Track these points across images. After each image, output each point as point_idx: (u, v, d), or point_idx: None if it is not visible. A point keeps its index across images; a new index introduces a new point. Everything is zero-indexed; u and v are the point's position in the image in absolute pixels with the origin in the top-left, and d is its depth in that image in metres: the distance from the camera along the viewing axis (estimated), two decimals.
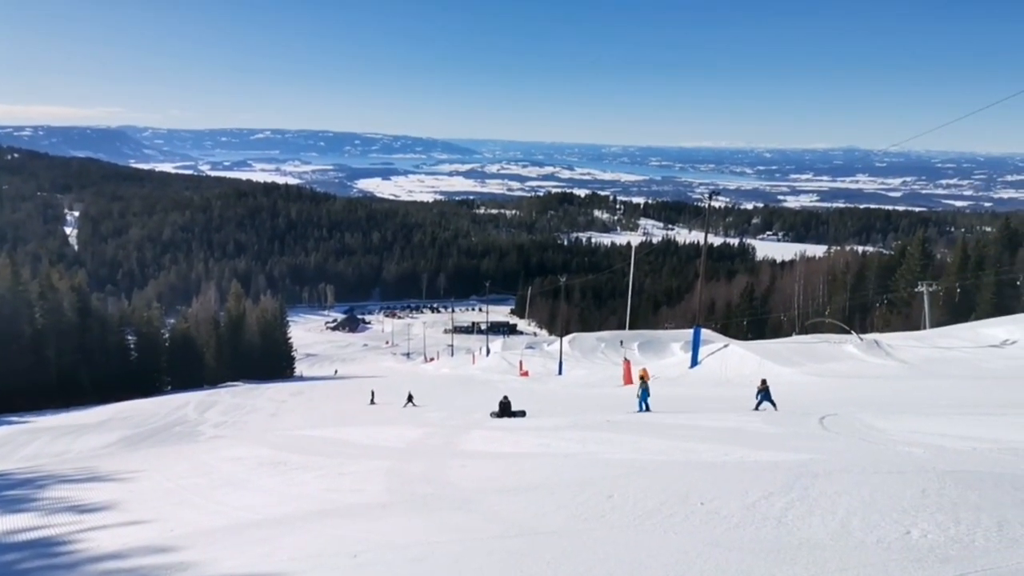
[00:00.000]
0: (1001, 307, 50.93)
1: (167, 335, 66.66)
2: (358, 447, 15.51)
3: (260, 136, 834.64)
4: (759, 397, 16.86)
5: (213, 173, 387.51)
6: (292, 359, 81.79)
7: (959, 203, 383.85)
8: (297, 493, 10.62)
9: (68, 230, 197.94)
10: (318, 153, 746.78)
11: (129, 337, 62.78)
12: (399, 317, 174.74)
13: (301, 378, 71.74)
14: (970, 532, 5.04)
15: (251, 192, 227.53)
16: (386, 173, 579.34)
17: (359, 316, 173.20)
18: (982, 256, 59.64)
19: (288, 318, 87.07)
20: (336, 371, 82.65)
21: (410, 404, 34.51)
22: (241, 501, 10.58)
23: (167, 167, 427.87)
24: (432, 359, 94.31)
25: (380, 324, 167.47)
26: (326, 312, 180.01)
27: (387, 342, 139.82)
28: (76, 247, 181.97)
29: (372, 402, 37.03)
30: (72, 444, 27.64)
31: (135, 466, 16.42)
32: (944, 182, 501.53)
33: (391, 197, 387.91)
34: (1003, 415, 10.60)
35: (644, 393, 18.80)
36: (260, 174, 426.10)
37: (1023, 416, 10.35)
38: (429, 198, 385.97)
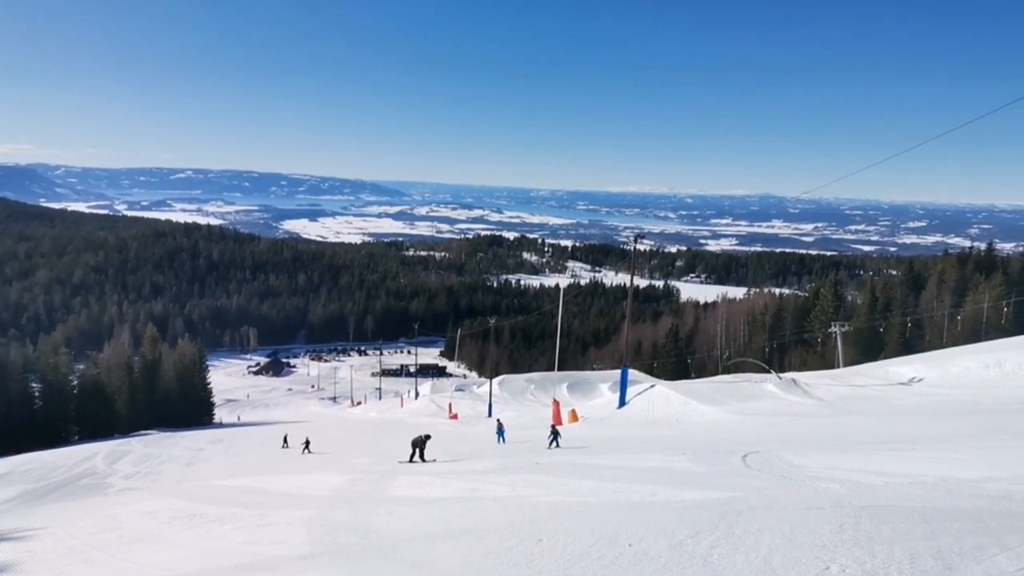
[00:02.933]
0: (908, 346, 53.44)
1: (75, 382, 63.38)
2: (279, 496, 15.04)
3: (181, 176, 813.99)
4: (551, 436, 20.54)
5: (130, 213, 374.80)
6: (211, 405, 78.90)
7: (866, 247, 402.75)
8: (213, 547, 10.20)
9: None
10: (242, 193, 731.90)
11: (33, 384, 59.32)
12: (325, 360, 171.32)
13: (221, 425, 69.29)
14: (885, 566, 5.20)
15: (170, 232, 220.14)
16: (313, 214, 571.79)
17: (283, 360, 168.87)
18: (889, 298, 62.58)
19: (208, 362, 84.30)
20: (239, 417, 77.70)
21: (306, 451, 33.40)
22: (153, 558, 10.09)
23: (80, 206, 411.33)
24: (359, 403, 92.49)
25: (306, 367, 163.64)
26: (248, 356, 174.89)
27: (313, 386, 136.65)
28: None
29: (285, 445, 36.20)
30: None
31: (36, 523, 15.51)
32: (853, 227, 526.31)
33: (318, 238, 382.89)
34: (913, 450, 11.05)
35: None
36: (181, 214, 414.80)
37: (932, 451, 10.80)
38: (357, 240, 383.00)
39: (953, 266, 61.66)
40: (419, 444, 20.86)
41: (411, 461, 20.46)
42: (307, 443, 34.37)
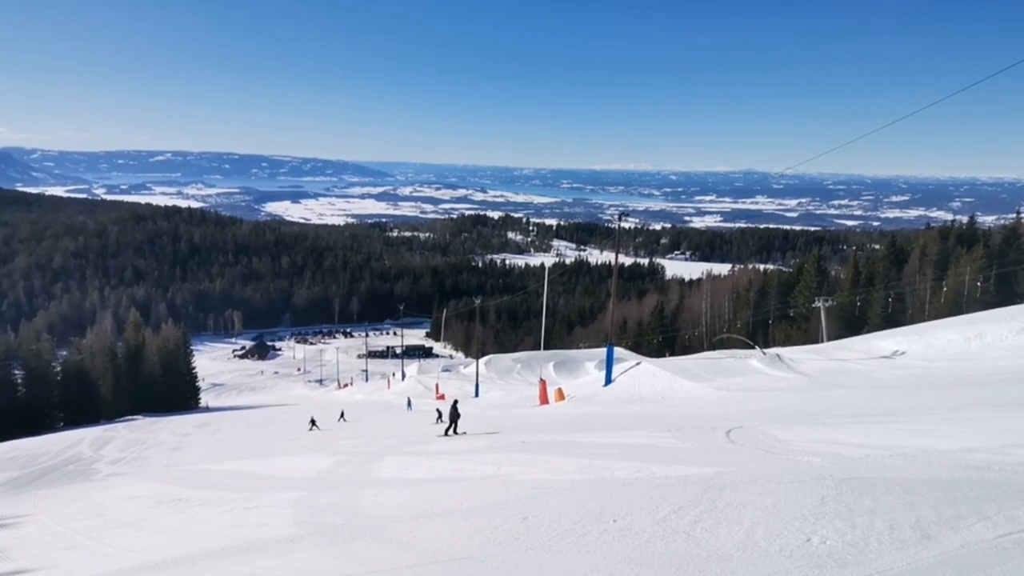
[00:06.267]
0: (890, 320, 53.93)
1: (59, 368, 62.92)
2: (266, 479, 15.04)
3: (160, 158, 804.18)
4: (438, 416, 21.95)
5: (109, 197, 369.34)
6: (197, 389, 78.68)
7: (850, 222, 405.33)
8: (199, 531, 10.20)
9: None
10: (223, 176, 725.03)
11: (16, 371, 58.85)
12: (311, 343, 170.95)
13: (207, 409, 69.06)
14: (865, 537, 5.27)
15: (151, 216, 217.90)
16: (295, 196, 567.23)
17: (269, 343, 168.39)
18: (872, 272, 63.01)
19: (192, 347, 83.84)
20: (207, 404, 76.85)
21: (314, 427, 36.19)
22: (138, 542, 10.08)
23: (58, 191, 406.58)
24: (346, 385, 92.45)
25: (291, 350, 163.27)
26: (233, 340, 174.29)
27: (298, 369, 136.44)
28: None
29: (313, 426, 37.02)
30: None
31: (21, 510, 15.47)
32: (836, 203, 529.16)
33: (301, 220, 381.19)
34: (894, 422, 11.16)
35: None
36: (160, 197, 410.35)
37: (912, 423, 10.92)
38: (341, 221, 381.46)
39: (935, 240, 62.06)
40: (455, 414, 21.50)
41: (447, 434, 21.01)
42: (313, 421, 37.37)
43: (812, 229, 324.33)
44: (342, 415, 41.58)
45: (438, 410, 31.66)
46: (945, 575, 4.43)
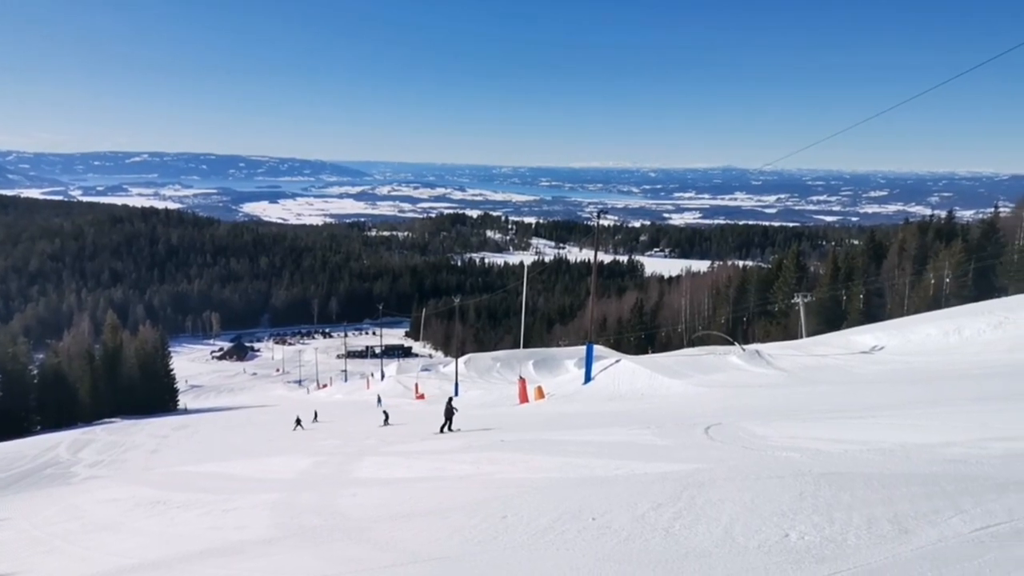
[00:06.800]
0: (869, 315, 54.45)
1: (36, 371, 62.05)
2: (245, 480, 14.91)
3: (137, 159, 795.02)
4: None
5: (85, 199, 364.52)
6: (175, 391, 77.97)
7: (828, 218, 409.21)
8: (178, 533, 10.08)
9: None
10: (200, 177, 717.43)
11: None
12: (290, 343, 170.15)
13: (185, 411, 68.45)
14: (843, 531, 5.27)
15: (127, 218, 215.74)
16: (273, 196, 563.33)
17: (247, 344, 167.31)
18: (851, 268, 63.56)
19: (171, 349, 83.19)
20: (185, 406, 76.19)
21: (299, 427, 36.03)
22: (116, 546, 9.94)
23: (34, 193, 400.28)
24: (325, 385, 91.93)
25: (270, 351, 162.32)
26: (212, 341, 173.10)
27: (278, 370, 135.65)
28: None
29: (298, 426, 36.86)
30: None
31: None
32: (815, 198, 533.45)
33: (279, 221, 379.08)
34: (872, 417, 11.22)
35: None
36: (137, 199, 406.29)
37: (891, 418, 10.98)
38: (319, 221, 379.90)
39: (914, 234, 62.61)
40: (450, 413, 21.48)
41: (442, 431, 21.08)
42: (298, 420, 37.16)
43: (791, 225, 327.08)
44: (315, 416, 41.14)
45: (385, 412, 33.49)
46: (923, 569, 4.42)
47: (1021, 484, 5.88)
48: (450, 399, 22.87)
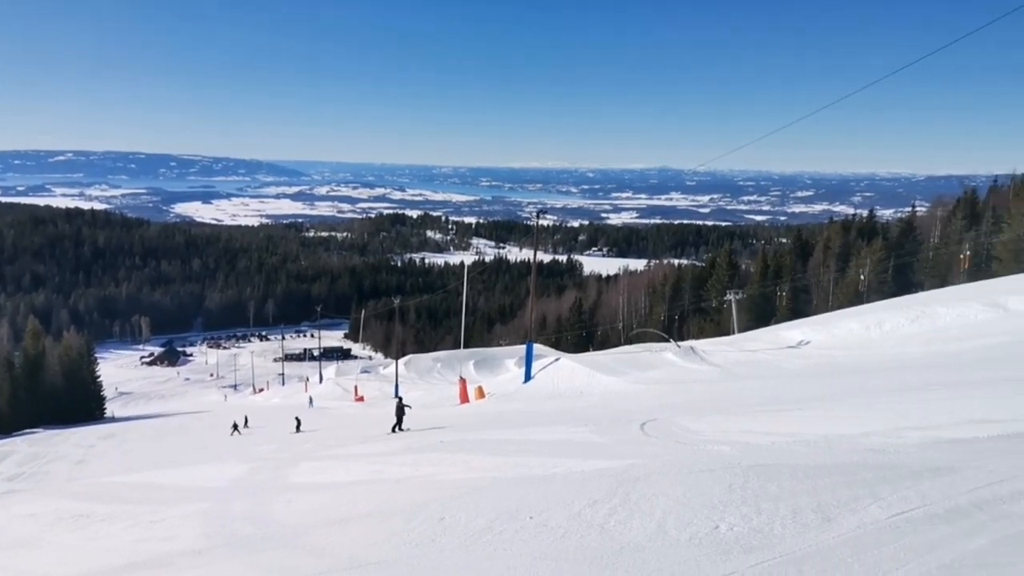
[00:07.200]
0: (796, 311, 56.23)
1: None
2: (175, 490, 14.51)
3: (61, 158, 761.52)
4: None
5: (5, 199, 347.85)
6: (102, 399, 75.19)
7: (759, 217, 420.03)
8: (101, 547, 9.75)
9: None
10: (129, 176, 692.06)
11: None
12: (224, 347, 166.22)
13: (113, 419, 66.13)
14: (770, 521, 5.44)
15: (50, 219, 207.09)
16: (207, 196, 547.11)
17: (179, 348, 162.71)
18: (780, 265, 65.54)
19: (98, 355, 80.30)
20: (113, 414, 73.49)
21: (236, 432, 35.22)
22: (33, 564, 9.55)
23: None
24: (261, 390, 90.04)
25: (203, 356, 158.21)
26: (141, 346, 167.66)
27: (212, 374, 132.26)
28: None
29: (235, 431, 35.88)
30: None
31: None
32: (746, 199, 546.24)
33: (213, 222, 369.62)
34: (799, 410, 11.61)
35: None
36: (61, 199, 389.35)
37: (815, 410, 11.39)
38: (255, 222, 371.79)
39: (838, 233, 64.93)
40: (401, 412, 21.32)
41: (393, 431, 20.88)
42: (235, 425, 36.22)
43: (724, 224, 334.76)
44: (246, 422, 39.31)
45: (297, 418, 33.13)
46: (843, 555, 4.60)
47: (935, 471, 6.17)
48: (400, 399, 22.76)
